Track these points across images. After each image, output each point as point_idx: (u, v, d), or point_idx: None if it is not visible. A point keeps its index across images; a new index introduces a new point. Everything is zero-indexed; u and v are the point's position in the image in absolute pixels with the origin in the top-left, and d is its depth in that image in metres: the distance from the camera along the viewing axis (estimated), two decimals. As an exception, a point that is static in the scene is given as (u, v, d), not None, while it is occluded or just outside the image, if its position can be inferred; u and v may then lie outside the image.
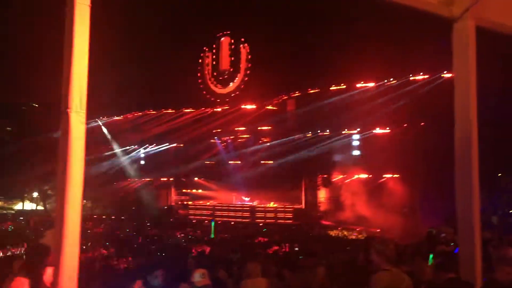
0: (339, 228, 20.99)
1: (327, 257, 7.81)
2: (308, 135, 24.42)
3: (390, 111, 20.42)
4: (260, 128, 26.45)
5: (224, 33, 27.46)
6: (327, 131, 23.96)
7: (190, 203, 28.36)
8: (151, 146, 29.75)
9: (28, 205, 31.75)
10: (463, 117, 4.36)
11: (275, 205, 24.62)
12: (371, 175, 22.85)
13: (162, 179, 29.99)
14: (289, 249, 12.13)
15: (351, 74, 21.68)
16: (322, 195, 25.23)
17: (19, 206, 31.61)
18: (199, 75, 28.25)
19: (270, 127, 26.29)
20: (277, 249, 12.23)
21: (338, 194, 24.22)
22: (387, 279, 3.98)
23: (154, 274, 4.92)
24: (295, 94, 25.23)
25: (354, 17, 17.93)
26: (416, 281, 4.64)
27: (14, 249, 13.73)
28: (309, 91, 23.99)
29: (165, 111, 28.58)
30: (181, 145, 28.87)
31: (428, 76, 20.17)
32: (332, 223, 22.58)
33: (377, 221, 19.68)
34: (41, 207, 30.61)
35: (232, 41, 27.25)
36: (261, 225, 23.03)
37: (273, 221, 23.59)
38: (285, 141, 24.85)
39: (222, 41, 27.65)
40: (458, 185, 4.34)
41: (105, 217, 26.71)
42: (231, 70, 27.30)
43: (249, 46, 26.65)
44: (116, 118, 29.47)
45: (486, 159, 4.92)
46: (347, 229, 20.73)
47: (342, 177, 24.22)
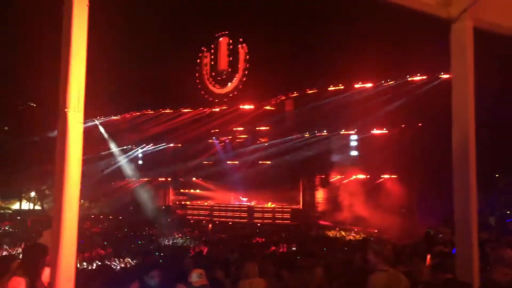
0: (337, 229, 21.00)
1: (324, 257, 7.81)
2: (306, 135, 24.43)
3: (388, 111, 20.45)
4: (258, 128, 26.45)
5: (223, 33, 27.45)
6: (325, 131, 23.98)
7: (188, 203, 28.34)
8: (149, 146, 29.71)
9: (25, 205, 31.67)
10: (460, 118, 4.36)
11: (273, 206, 24.62)
12: (369, 176, 22.87)
13: (160, 179, 29.96)
14: (287, 249, 12.13)
15: (349, 75, 21.71)
16: (320, 195, 25.24)
17: (16, 206, 31.53)
18: (197, 75, 28.24)
19: (268, 127, 26.29)
20: (274, 249, 12.23)
21: (336, 194, 24.24)
22: (384, 280, 3.98)
23: (150, 275, 4.91)
24: (293, 95, 25.24)
25: (352, 17, 17.96)
26: (414, 281, 4.65)
27: (11, 248, 13.70)
28: (307, 92, 24.00)
29: (163, 111, 28.56)
30: (179, 145, 28.84)
31: (426, 77, 20.21)
32: (330, 224, 22.59)
33: (375, 222, 19.71)
34: (38, 206, 30.53)
35: (231, 41, 27.24)
36: (258, 225, 23.03)
37: (271, 221, 23.59)
38: (283, 141, 24.86)
39: (220, 41, 27.64)
40: (455, 185, 4.34)
41: (102, 217, 26.67)
42: (229, 70, 27.29)
43: (248, 46, 26.64)
44: (114, 118, 29.42)
45: (484, 160, 4.92)
46: (345, 229, 20.74)
47: (340, 177, 24.24)
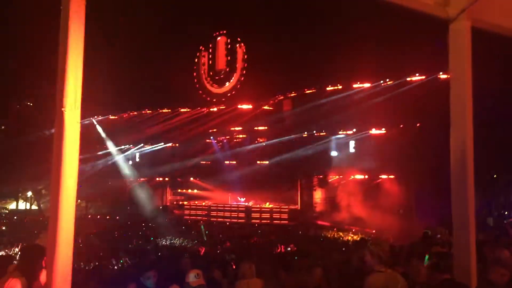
0: (335, 229, 20.98)
1: (322, 257, 7.80)
2: (304, 135, 24.41)
3: (386, 111, 20.45)
4: (256, 128, 26.42)
5: (221, 32, 27.42)
6: (323, 131, 23.98)
7: (185, 203, 28.30)
8: (146, 146, 29.66)
9: (22, 205, 31.58)
10: (459, 118, 4.36)
11: (270, 206, 24.60)
12: (367, 176, 22.87)
13: (158, 179, 29.90)
14: (284, 250, 12.11)
15: (347, 75, 21.71)
16: (318, 195, 25.24)
17: (13, 206, 31.43)
18: (195, 74, 28.20)
19: (266, 127, 26.27)
20: (272, 250, 12.20)
21: (333, 194, 24.23)
22: (381, 281, 3.97)
23: (147, 275, 4.89)
24: (292, 94, 25.23)
25: (351, 17, 17.96)
26: (411, 282, 4.65)
27: (8, 248, 13.65)
28: (305, 91, 23.99)
29: (161, 111, 28.52)
30: (176, 144, 28.79)
31: (424, 77, 20.23)
32: (328, 224, 22.58)
33: (373, 222, 19.69)
34: (35, 206, 30.45)
35: (229, 40, 27.21)
36: (256, 225, 23.01)
37: (268, 221, 23.57)
38: (281, 141, 24.84)
39: (218, 40, 27.60)
40: (453, 186, 4.35)
41: (99, 217, 26.61)
42: (227, 69, 27.25)
43: (246, 45, 26.61)
44: (111, 117, 29.35)
45: (482, 160, 4.93)
46: (343, 229, 20.72)
47: (337, 177, 24.24)
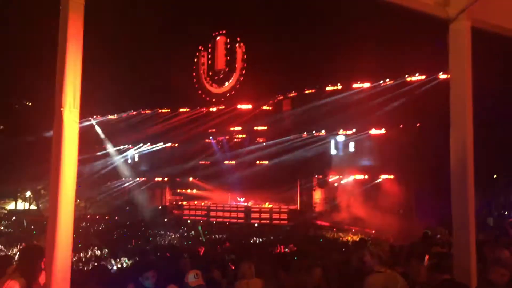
0: (334, 229, 20.96)
1: (322, 258, 7.78)
2: (303, 135, 24.41)
3: (386, 111, 20.45)
4: (255, 128, 26.41)
5: (220, 32, 27.42)
6: (322, 131, 23.97)
7: (184, 203, 28.27)
8: (145, 146, 29.64)
9: (20, 205, 31.53)
10: (459, 118, 4.36)
11: (270, 206, 24.58)
12: (367, 176, 22.87)
13: (157, 179, 29.88)
14: (283, 250, 12.10)
15: (347, 75, 21.72)
16: (318, 196, 25.21)
17: (11, 206, 31.38)
18: (194, 74, 28.19)
19: (265, 127, 26.25)
20: (272, 250, 12.19)
21: (333, 195, 24.21)
22: (381, 281, 3.96)
23: (145, 275, 4.87)
24: (291, 94, 25.22)
25: (351, 17, 17.97)
26: (411, 282, 4.64)
27: (6, 249, 13.64)
28: (305, 91, 23.98)
29: (160, 111, 28.51)
30: (175, 144, 28.77)
31: (424, 77, 20.23)
32: (327, 224, 22.56)
33: (373, 222, 19.67)
34: (34, 206, 30.42)
35: (228, 40, 27.21)
36: (256, 225, 23.00)
37: (268, 221, 23.55)
38: (281, 141, 24.83)
39: (217, 40, 27.61)
40: (453, 186, 4.34)
41: (98, 217, 26.58)
42: (227, 69, 27.26)
43: (245, 45, 26.60)
44: (110, 117, 29.35)
45: (482, 160, 4.92)
46: (342, 230, 20.70)
47: (337, 177, 24.22)
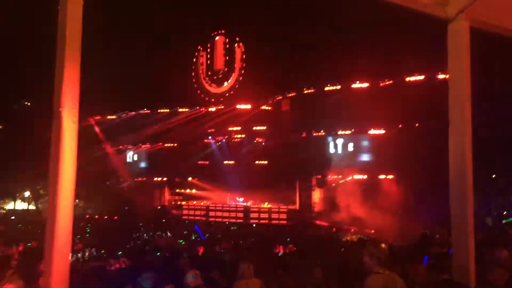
0: (334, 229, 20.97)
1: (321, 258, 7.79)
2: (302, 135, 24.40)
3: (384, 112, 20.45)
4: (254, 128, 26.40)
5: (219, 32, 27.40)
6: (321, 131, 23.97)
7: (183, 203, 28.26)
8: (144, 146, 29.61)
9: (19, 205, 31.51)
10: (457, 118, 4.36)
11: (269, 206, 24.59)
12: (366, 176, 22.88)
13: (156, 179, 29.87)
14: (283, 250, 12.11)
15: (346, 75, 21.71)
16: (317, 195, 25.21)
17: (10, 206, 31.36)
18: (193, 74, 28.18)
19: (264, 127, 26.24)
20: (271, 250, 12.20)
21: (332, 195, 24.20)
22: (380, 282, 3.95)
23: (144, 276, 4.87)
24: (290, 94, 25.20)
25: (350, 17, 17.97)
26: (410, 282, 4.64)
27: (5, 249, 13.59)
28: (304, 91, 23.97)
29: (159, 111, 28.47)
30: (174, 144, 28.76)
31: (423, 77, 20.23)
32: (327, 224, 22.57)
33: (372, 222, 19.68)
34: (33, 206, 30.39)
35: (227, 40, 27.18)
36: (255, 225, 23.01)
37: (267, 221, 23.56)
38: (280, 141, 24.82)
39: (216, 40, 27.58)
40: (452, 186, 4.34)
41: (97, 217, 26.56)
42: (226, 69, 27.22)
43: (244, 45, 26.58)
44: (109, 117, 29.31)
45: (481, 160, 4.93)
46: (342, 230, 20.71)
47: (336, 177, 24.22)
